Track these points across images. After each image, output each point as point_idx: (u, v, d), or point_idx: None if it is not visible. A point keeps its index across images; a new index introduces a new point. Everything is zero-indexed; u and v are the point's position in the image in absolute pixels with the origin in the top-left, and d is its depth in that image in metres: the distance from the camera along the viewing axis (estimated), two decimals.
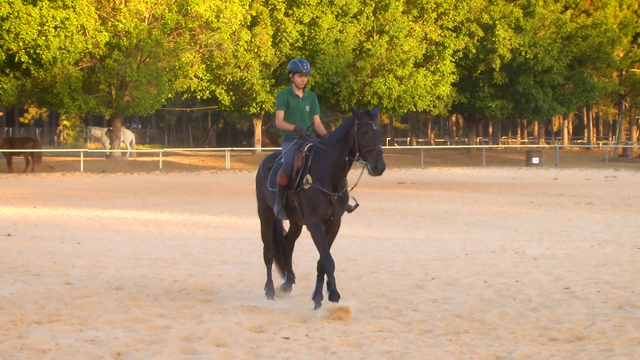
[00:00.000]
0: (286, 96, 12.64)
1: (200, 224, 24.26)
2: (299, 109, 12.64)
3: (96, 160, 61.49)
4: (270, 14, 66.41)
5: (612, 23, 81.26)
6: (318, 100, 13.29)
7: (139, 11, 58.42)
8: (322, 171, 11.81)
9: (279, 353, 9.51)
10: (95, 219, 25.87)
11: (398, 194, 37.33)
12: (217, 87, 66.65)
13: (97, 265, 15.90)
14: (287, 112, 12.62)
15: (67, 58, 55.22)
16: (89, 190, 39.35)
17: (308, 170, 11.92)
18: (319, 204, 11.79)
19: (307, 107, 12.72)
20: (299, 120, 12.58)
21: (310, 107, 12.76)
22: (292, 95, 12.65)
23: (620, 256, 17.16)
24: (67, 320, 11.11)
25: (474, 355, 9.42)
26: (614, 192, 38.69)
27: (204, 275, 14.90)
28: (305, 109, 12.70)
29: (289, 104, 12.62)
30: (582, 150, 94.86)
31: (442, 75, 72.44)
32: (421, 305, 12.23)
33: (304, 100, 12.72)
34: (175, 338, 10.14)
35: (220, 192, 39.02)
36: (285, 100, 12.62)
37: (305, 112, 12.70)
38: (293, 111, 12.61)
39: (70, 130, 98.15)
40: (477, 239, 20.46)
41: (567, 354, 9.48)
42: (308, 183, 11.81)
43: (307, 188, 11.82)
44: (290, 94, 12.65)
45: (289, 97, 12.64)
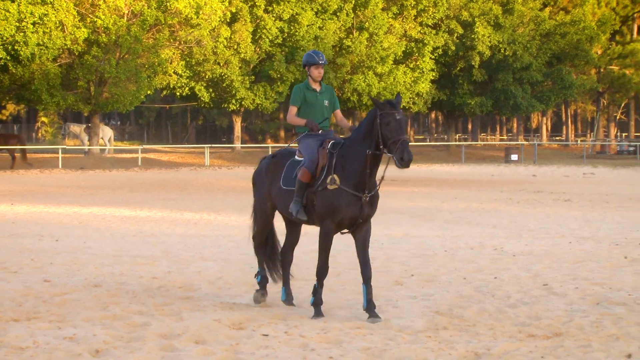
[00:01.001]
0: (303, 91, 11.98)
1: (179, 221, 24.22)
2: (318, 103, 12.00)
3: (75, 157, 61.29)
4: (250, 11, 66.35)
5: (590, 20, 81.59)
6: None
7: (117, 7, 58.22)
8: (350, 171, 11.14)
9: (258, 350, 9.51)
10: (74, 216, 25.78)
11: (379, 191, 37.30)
12: (196, 83, 66.57)
13: (76, 263, 15.84)
14: (305, 107, 11.96)
15: (45, 54, 55.02)
16: (67, 187, 39.20)
17: (333, 170, 11.24)
18: (339, 207, 11.12)
19: (325, 102, 12.07)
20: (318, 116, 11.95)
21: (329, 102, 12.13)
22: (310, 90, 12.01)
23: (598, 253, 17.23)
24: (46, 318, 11.07)
25: (452, 352, 9.44)
26: (592, 189, 38.83)
27: (183, 272, 14.88)
28: (324, 103, 12.05)
29: (307, 99, 11.96)
30: (561, 147, 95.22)
31: (421, 72, 72.56)
32: (400, 302, 12.25)
33: (322, 95, 12.08)
34: (154, 335, 10.12)
35: (199, 189, 38.95)
36: (301, 95, 11.96)
37: (325, 106, 12.06)
38: (312, 106, 11.97)
39: (49, 127, 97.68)
40: (456, 235, 20.50)
41: (545, 350, 9.51)
42: (335, 183, 11.13)
43: (332, 189, 11.17)
44: (307, 89, 12.01)
45: (306, 92, 11.98)
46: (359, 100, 70.00)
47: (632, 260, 16.19)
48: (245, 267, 15.31)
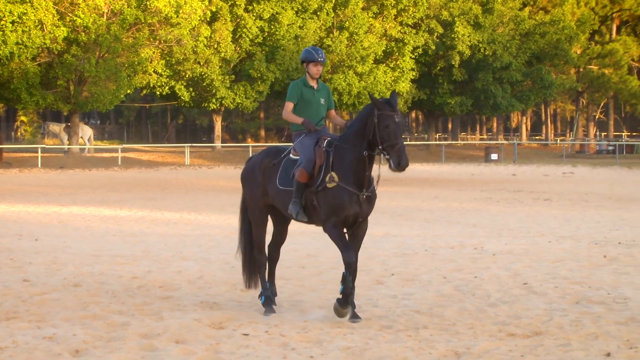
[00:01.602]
0: (300, 88, 11.68)
1: (159, 221, 24.17)
2: (314, 101, 11.71)
3: (54, 157, 61.10)
4: (230, 10, 66.27)
5: (569, 20, 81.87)
6: (279, 97, 12.63)
7: (97, 6, 58.07)
8: (345, 168, 10.95)
9: (239, 349, 9.50)
10: (54, 215, 25.69)
11: None
12: (176, 83, 66.46)
13: (55, 262, 15.79)
14: (301, 104, 11.66)
15: (24, 53, 54.83)
16: (46, 187, 39.07)
17: (331, 168, 11.04)
18: (343, 205, 10.90)
19: (322, 100, 11.78)
20: (314, 113, 11.67)
21: (325, 100, 11.84)
22: (307, 87, 11.71)
23: (577, 252, 17.30)
24: (25, 318, 11.04)
25: (433, 351, 9.46)
26: (572, 188, 38.97)
27: (164, 271, 14.85)
28: (321, 101, 11.77)
29: (304, 96, 11.66)
30: (540, 146, 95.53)
31: (401, 72, 72.65)
32: (381, 301, 12.26)
33: (319, 92, 11.80)
34: (134, 335, 10.11)
35: (179, 188, 38.89)
36: (298, 92, 11.65)
37: (321, 105, 11.77)
38: (308, 104, 11.67)
39: (28, 126, 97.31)
40: (436, 235, 20.53)
41: (525, 349, 9.54)
42: (333, 181, 10.93)
43: (332, 187, 10.96)
44: (305, 85, 11.71)
45: (303, 89, 11.68)
46: (339, 100, 69.99)
47: (611, 259, 16.26)
48: (226, 267, 15.30)
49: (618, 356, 9.23)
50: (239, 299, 12.47)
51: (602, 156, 78.31)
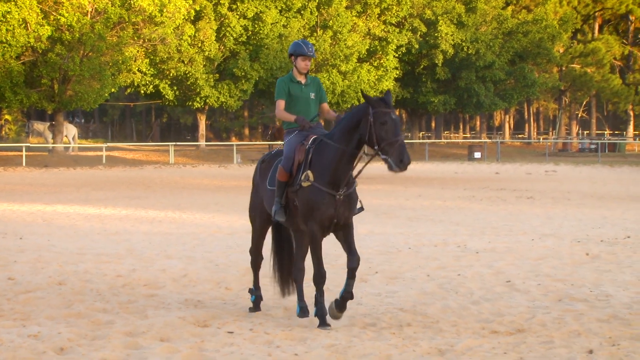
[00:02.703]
0: (287, 84, 11.19)
1: (143, 219, 24.14)
2: (302, 96, 11.22)
3: (38, 155, 60.91)
4: (214, 9, 66.18)
5: (552, 19, 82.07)
6: (263, 95, 12.08)
7: (81, 5, 57.90)
8: (323, 167, 10.50)
9: (223, 347, 9.50)
10: (38, 214, 25.63)
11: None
12: (160, 81, 66.35)
13: (40, 261, 15.75)
14: (289, 101, 11.19)
15: (8, 52, 54.66)
16: (31, 185, 38.96)
17: (308, 166, 10.61)
18: (318, 205, 10.47)
19: (311, 94, 11.28)
20: (303, 110, 11.20)
21: (315, 94, 11.34)
22: (294, 82, 11.22)
23: (560, 249, 17.35)
24: (9, 316, 11.01)
25: (416, 349, 9.47)
26: (554, 186, 39.08)
27: (148, 270, 14.83)
28: (310, 96, 11.26)
29: (291, 92, 11.17)
30: (523, 145, 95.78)
31: (385, 71, 72.69)
32: (365, 299, 12.27)
33: (308, 87, 11.28)
34: (119, 333, 10.09)
35: (164, 187, 38.84)
36: (286, 88, 11.16)
37: (311, 99, 11.28)
38: (296, 100, 11.19)
39: (12, 125, 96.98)
40: (420, 233, 20.56)
41: (508, 346, 9.56)
42: (308, 180, 10.50)
43: (306, 186, 10.53)
44: (292, 81, 11.22)
45: (290, 85, 11.19)
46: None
47: (594, 257, 16.31)
48: (210, 265, 15.30)
49: (600, 353, 9.26)
50: (223, 297, 12.47)
51: (585, 154, 78.59)
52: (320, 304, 10.67)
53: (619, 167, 59.29)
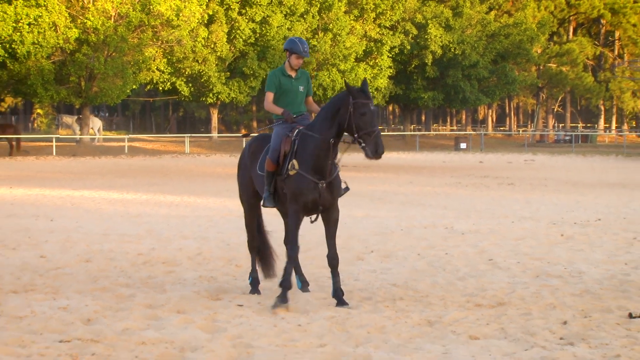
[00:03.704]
0: (278, 77, 10.80)
1: (162, 203, 24.14)
2: (292, 90, 10.81)
3: (67, 145, 60.91)
4: (225, 13, 66.05)
5: (531, 23, 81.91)
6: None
7: (105, 10, 57.83)
8: (307, 156, 10.22)
9: (234, 319, 9.51)
10: (67, 198, 25.64)
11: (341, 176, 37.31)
12: (177, 79, 66.23)
13: (69, 241, 15.77)
14: (279, 93, 10.82)
15: (40, 52, 54.62)
16: (60, 173, 38.96)
17: (294, 156, 10.31)
18: (302, 192, 10.19)
19: (300, 88, 10.88)
20: (292, 102, 10.82)
21: (304, 87, 10.93)
22: (285, 76, 10.83)
23: (537, 231, 17.35)
24: (41, 290, 11.03)
25: (408, 320, 9.47)
26: (533, 174, 39.07)
27: (166, 249, 14.84)
28: (299, 89, 10.87)
29: (282, 85, 10.78)
30: (505, 136, 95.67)
31: (380, 69, 72.53)
32: (361, 276, 12.28)
33: (297, 81, 10.87)
34: (140, 305, 10.10)
35: (180, 174, 38.83)
36: (277, 81, 10.78)
37: (299, 92, 10.87)
38: (286, 92, 10.81)
39: (44, 118, 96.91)
40: (411, 216, 20.56)
41: (490, 318, 9.57)
42: (294, 169, 10.23)
43: (292, 174, 10.25)
44: (283, 75, 10.83)
45: (282, 78, 10.81)
46: (324, 94, 70.00)
47: (568, 237, 16.32)
48: (222, 245, 15.31)
49: (574, 324, 9.27)
50: (234, 273, 12.48)
51: (560, 145, 78.51)
52: (287, 275, 10.26)
53: (591, 156, 59.25)
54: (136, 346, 8.31)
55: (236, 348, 8.28)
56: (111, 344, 8.35)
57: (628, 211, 21.61)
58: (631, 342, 8.51)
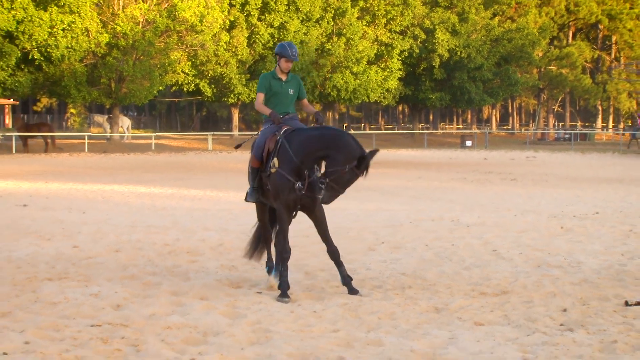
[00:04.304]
0: (269, 80, 10.64)
1: (186, 197, 24.17)
2: (282, 92, 10.64)
3: (98, 143, 61.11)
4: (245, 19, 66.13)
5: (532, 28, 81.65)
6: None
7: (134, 16, 58.01)
8: (288, 157, 9.92)
9: (253, 305, 9.51)
10: (98, 192, 25.70)
11: None
12: (200, 81, 66.39)
13: (100, 232, 15.81)
14: (269, 95, 10.65)
15: (73, 56, 54.87)
16: (92, 168, 39.09)
17: (276, 154, 10.06)
18: (282, 190, 9.93)
19: (290, 90, 10.70)
20: (280, 103, 10.67)
21: (294, 91, 10.75)
22: (275, 79, 10.65)
23: (538, 223, 17.29)
24: (74, 278, 11.06)
25: (416, 307, 9.46)
26: (534, 170, 38.94)
27: (190, 240, 14.86)
28: (289, 92, 10.69)
29: (272, 87, 10.62)
30: (508, 134, 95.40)
31: (390, 72, 72.51)
32: (373, 265, 12.26)
33: (287, 84, 10.70)
34: (166, 293, 10.12)
35: (203, 170, 38.88)
36: (267, 84, 10.62)
37: (289, 95, 10.70)
38: (276, 94, 10.65)
39: (77, 117, 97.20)
40: (419, 209, 20.51)
41: (494, 306, 9.54)
42: (274, 167, 10.00)
43: (273, 172, 10.01)
44: (274, 78, 10.66)
45: (272, 81, 10.64)
46: (337, 95, 70.08)
47: (567, 229, 16.26)
48: (242, 236, 15.28)
49: (573, 311, 9.23)
50: (253, 263, 12.47)
51: (560, 143, 78.21)
52: (284, 277, 9.99)
53: (589, 153, 59.00)
54: (162, 330, 8.33)
55: (255, 333, 8.29)
56: (139, 328, 8.37)
57: (624, 205, 21.51)
58: (627, 329, 8.47)
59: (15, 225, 16.82)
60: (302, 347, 7.77)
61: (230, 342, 7.92)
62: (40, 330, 8.23)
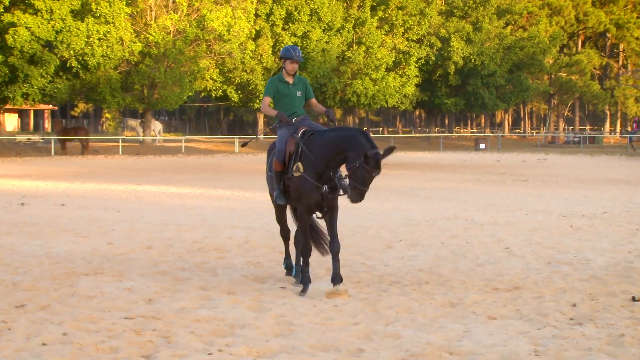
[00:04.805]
0: (276, 84, 10.53)
1: (214, 197, 24.24)
2: (289, 95, 10.53)
3: (131, 146, 61.37)
4: (270, 29, 66.22)
5: (543, 36, 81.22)
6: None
7: (165, 26, 58.25)
8: (311, 162, 9.76)
9: (277, 299, 9.54)
10: (131, 192, 25.82)
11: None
12: (227, 87, 66.52)
13: (133, 230, 15.88)
14: (278, 98, 10.56)
15: (108, 64, 55.13)
16: (125, 170, 39.27)
17: (299, 158, 9.89)
18: (306, 193, 9.80)
19: (298, 93, 10.59)
20: (287, 105, 10.53)
21: (301, 92, 10.65)
22: (282, 82, 10.55)
23: (549, 222, 17.22)
24: (109, 273, 11.12)
25: (432, 302, 9.45)
26: (545, 171, 38.76)
27: (217, 237, 14.90)
28: (296, 94, 10.58)
29: (279, 90, 10.52)
30: (520, 138, 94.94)
31: (407, 78, 72.36)
32: (391, 262, 12.25)
33: (295, 86, 10.59)
34: (195, 287, 10.16)
35: (230, 171, 38.97)
36: (274, 87, 10.51)
37: (296, 97, 10.58)
38: (283, 97, 10.54)
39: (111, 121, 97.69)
40: (435, 209, 20.48)
41: (507, 301, 9.51)
42: (299, 171, 9.82)
43: (297, 176, 9.86)
44: (281, 81, 10.55)
45: (279, 84, 10.53)
46: (357, 100, 70.09)
47: (576, 228, 16.18)
48: (267, 234, 15.33)
49: (582, 306, 9.19)
50: (278, 259, 12.50)
51: (569, 146, 77.80)
52: (305, 273, 10.03)
53: (597, 156, 58.65)
54: (191, 323, 8.36)
55: (280, 325, 8.30)
56: (170, 321, 8.40)
57: (631, 205, 21.38)
58: (634, 323, 8.43)
59: (54, 223, 16.93)
60: (323, 339, 7.78)
61: (256, 334, 7.94)
62: (77, 322, 8.29)
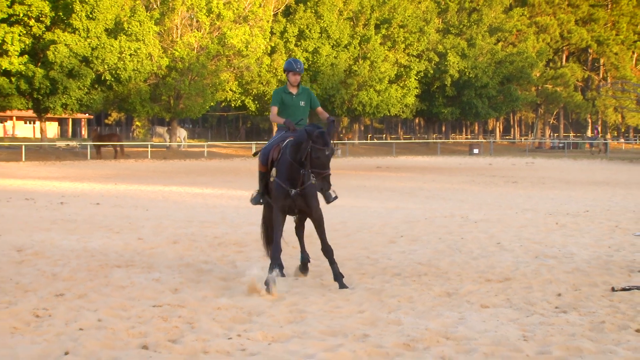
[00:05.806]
0: (280, 94, 10.34)
1: (234, 197, 24.26)
2: (293, 104, 10.32)
3: (159, 151, 61.49)
4: (284, 45, 66.32)
5: (531, 52, 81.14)
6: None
7: (190, 43, 58.44)
8: (282, 167, 9.56)
9: (291, 289, 9.54)
10: (159, 192, 25.88)
11: (376, 175, 37.33)
12: (246, 97, 66.63)
13: (160, 226, 15.91)
14: (282, 108, 10.34)
15: (138, 77, 55.29)
16: (154, 172, 39.35)
17: (276, 164, 9.69)
18: (278, 196, 9.57)
19: (301, 102, 10.36)
20: (292, 114, 10.30)
21: (305, 102, 10.40)
22: (286, 93, 10.35)
23: (537, 220, 17.17)
24: (139, 265, 11.14)
25: (430, 292, 9.43)
26: (533, 174, 38.66)
27: (236, 233, 14.91)
28: (300, 104, 10.36)
29: (284, 100, 10.32)
30: (510, 143, 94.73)
31: (408, 89, 72.34)
32: (393, 256, 12.23)
33: (298, 97, 10.37)
34: (216, 278, 10.17)
35: (248, 173, 39.01)
36: (279, 98, 10.32)
37: (300, 107, 10.36)
38: (287, 107, 10.33)
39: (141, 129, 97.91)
40: (433, 207, 20.45)
41: (498, 291, 9.49)
42: (272, 176, 9.70)
43: (272, 180, 9.72)
44: (285, 92, 10.36)
45: (283, 95, 10.34)
46: (363, 110, 70.10)
47: (562, 225, 16.13)
48: None
49: (566, 296, 9.16)
50: (291, 253, 12.49)
51: (555, 151, 77.58)
52: (270, 270, 9.48)
53: (580, 160, 58.47)
54: (213, 310, 8.36)
55: (292, 313, 8.30)
56: (193, 309, 8.41)
57: (611, 204, 21.30)
58: (614, 311, 8.39)
59: (90, 220, 16.98)
60: (332, 325, 7.77)
61: (271, 321, 7.94)
62: (110, 309, 8.31)
